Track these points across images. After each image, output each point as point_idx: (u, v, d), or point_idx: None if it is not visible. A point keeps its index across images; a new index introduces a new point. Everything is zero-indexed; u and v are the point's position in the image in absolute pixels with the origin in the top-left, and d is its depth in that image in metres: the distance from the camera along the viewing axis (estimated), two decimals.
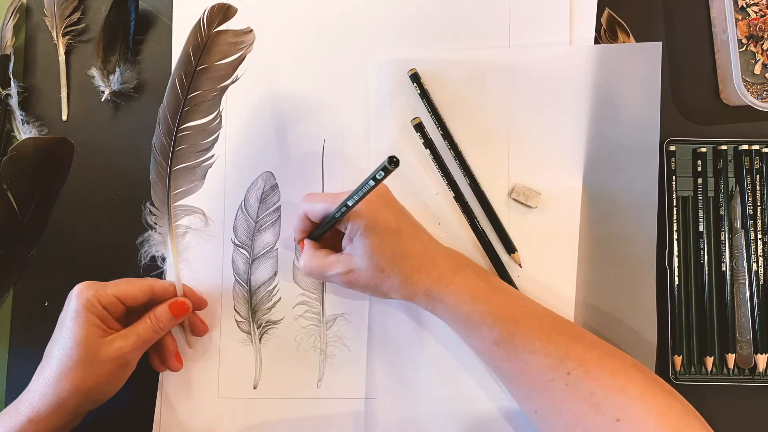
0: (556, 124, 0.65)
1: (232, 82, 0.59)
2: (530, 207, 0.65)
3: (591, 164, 0.65)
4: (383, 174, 0.47)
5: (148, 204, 0.62)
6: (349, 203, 0.53)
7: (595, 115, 0.65)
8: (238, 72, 0.59)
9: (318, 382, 0.65)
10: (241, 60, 0.59)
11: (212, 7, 0.56)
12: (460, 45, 0.67)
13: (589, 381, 0.52)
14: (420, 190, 0.66)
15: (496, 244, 0.65)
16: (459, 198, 0.65)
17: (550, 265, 0.65)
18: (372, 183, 0.49)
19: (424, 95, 0.65)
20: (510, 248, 0.65)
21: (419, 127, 0.65)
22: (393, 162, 0.45)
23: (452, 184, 0.65)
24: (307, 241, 0.61)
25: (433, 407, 0.63)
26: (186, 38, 0.56)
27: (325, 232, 0.60)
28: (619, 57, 0.65)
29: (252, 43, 0.58)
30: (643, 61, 0.65)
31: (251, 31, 0.58)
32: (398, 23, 0.67)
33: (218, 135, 0.61)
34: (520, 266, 0.65)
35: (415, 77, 0.65)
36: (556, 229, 0.65)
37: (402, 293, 0.57)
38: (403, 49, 0.67)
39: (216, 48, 0.57)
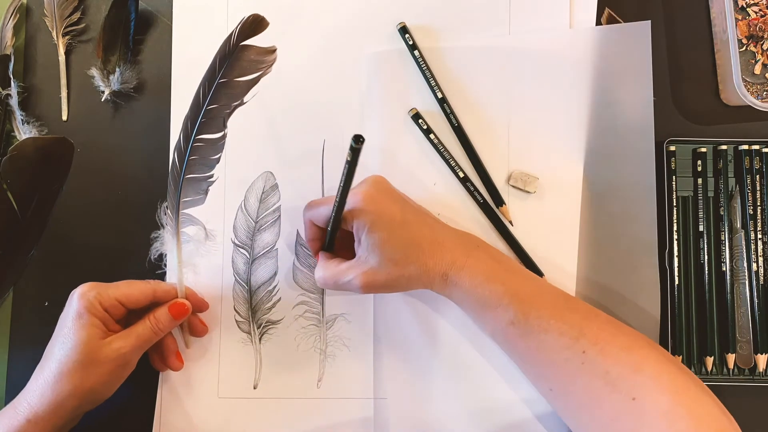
0: (554, 109, 0.66)
1: (240, 105, 0.58)
2: (529, 192, 0.65)
3: (590, 147, 0.65)
4: (353, 155, 0.47)
5: (164, 204, 0.62)
6: (339, 198, 0.53)
7: (591, 98, 0.65)
8: (247, 96, 0.58)
9: (318, 383, 0.64)
10: (256, 81, 0.58)
11: (247, 19, 0.55)
12: (459, 33, 0.67)
13: (604, 359, 0.51)
14: (417, 182, 0.66)
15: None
16: (465, 180, 0.65)
17: (551, 249, 0.65)
18: (348, 167, 0.49)
19: (420, 55, 0.66)
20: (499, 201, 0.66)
21: (417, 117, 0.65)
22: (359, 141, 0.45)
23: (455, 167, 0.65)
24: (321, 254, 0.61)
25: (446, 405, 0.63)
26: (219, 47, 0.56)
27: (334, 236, 0.60)
28: (610, 38, 0.66)
29: (272, 64, 0.57)
30: (633, 40, 0.66)
31: (275, 50, 0.57)
32: (398, 13, 0.67)
33: (220, 156, 0.60)
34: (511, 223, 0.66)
35: (403, 30, 0.66)
36: (556, 213, 0.65)
37: (420, 282, 0.57)
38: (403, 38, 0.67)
39: (238, 63, 0.56)
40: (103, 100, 0.68)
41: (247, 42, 0.56)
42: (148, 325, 0.59)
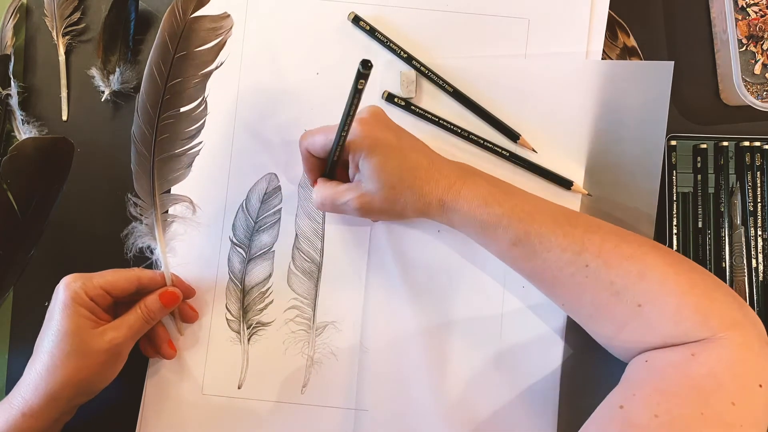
0: (562, 136, 0.65)
1: (216, 68, 0.59)
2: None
3: (593, 178, 0.65)
4: (361, 80, 0.46)
5: (131, 196, 0.62)
6: (344, 125, 0.53)
7: (600, 130, 0.65)
8: (220, 58, 0.58)
9: (302, 388, 0.64)
10: (221, 46, 0.58)
11: None
12: (476, 53, 0.67)
13: (608, 270, 0.52)
14: None
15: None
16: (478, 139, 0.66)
17: None
18: (355, 94, 0.49)
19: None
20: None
21: (390, 98, 0.66)
22: (367, 66, 0.44)
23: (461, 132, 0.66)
24: (319, 179, 0.61)
25: (427, 421, 0.63)
26: (160, 25, 0.56)
27: (335, 165, 0.60)
28: (629, 73, 0.65)
29: (231, 27, 0.58)
30: (653, 79, 0.65)
31: (228, 16, 0.58)
32: (418, 30, 0.67)
33: (204, 122, 0.60)
34: (535, 151, 0.66)
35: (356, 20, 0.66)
36: None
37: (416, 208, 0.57)
38: (421, 55, 0.66)
39: (194, 34, 0.57)
40: (103, 100, 0.68)
41: (197, 14, 0.56)
42: (139, 314, 0.59)
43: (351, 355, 0.65)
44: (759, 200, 0.65)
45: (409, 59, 0.66)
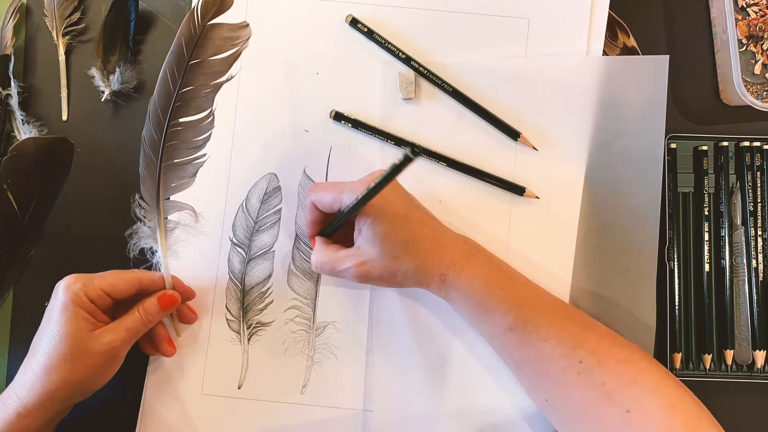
0: (563, 131, 0.65)
1: (226, 81, 0.58)
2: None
3: (594, 173, 0.65)
4: (404, 164, 0.45)
5: (137, 197, 0.62)
6: (363, 198, 0.52)
7: (601, 125, 0.65)
8: (232, 70, 0.58)
9: (302, 389, 0.64)
10: (235, 57, 0.58)
11: None
12: (477, 53, 0.67)
13: (601, 370, 0.51)
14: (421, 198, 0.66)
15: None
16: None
17: (546, 267, 0.65)
18: (389, 177, 0.48)
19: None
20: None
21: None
22: (414, 152, 0.44)
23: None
24: (318, 238, 0.61)
25: (433, 421, 0.63)
26: (179, 29, 0.56)
27: (338, 228, 0.59)
28: (627, 69, 0.65)
29: (248, 38, 0.58)
30: (650, 73, 0.65)
31: (247, 25, 0.57)
32: (419, 30, 0.67)
33: (210, 134, 0.60)
34: (536, 149, 0.65)
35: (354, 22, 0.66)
36: (552, 237, 0.65)
37: (416, 280, 0.57)
38: (421, 56, 0.66)
39: (210, 42, 0.56)
40: (103, 100, 0.68)
41: (215, 21, 0.56)
42: (138, 316, 0.58)
43: (351, 355, 0.65)
44: (759, 200, 0.65)
45: (407, 60, 0.66)
